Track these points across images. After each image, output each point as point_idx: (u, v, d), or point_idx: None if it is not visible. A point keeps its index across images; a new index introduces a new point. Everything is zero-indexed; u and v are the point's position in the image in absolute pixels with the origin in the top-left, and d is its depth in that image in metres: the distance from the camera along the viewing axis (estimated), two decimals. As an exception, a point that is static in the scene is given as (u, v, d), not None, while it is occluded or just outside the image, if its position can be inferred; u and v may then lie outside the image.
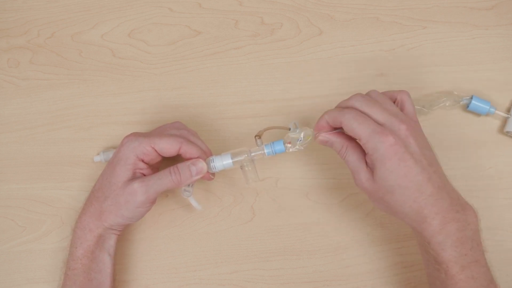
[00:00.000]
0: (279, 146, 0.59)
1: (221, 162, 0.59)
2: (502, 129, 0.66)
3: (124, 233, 0.65)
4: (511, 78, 0.68)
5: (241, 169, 0.60)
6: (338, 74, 0.69)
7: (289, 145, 0.59)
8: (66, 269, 0.58)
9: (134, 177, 0.57)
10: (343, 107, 0.55)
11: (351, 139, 0.55)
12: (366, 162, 0.54)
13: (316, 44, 0.69)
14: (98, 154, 0.66)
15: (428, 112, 0.65)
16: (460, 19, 0.69)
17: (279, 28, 0.70)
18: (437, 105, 0.65)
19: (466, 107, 0.66)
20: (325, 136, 0.56)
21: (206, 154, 0.60)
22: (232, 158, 0.59)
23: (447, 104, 0.65)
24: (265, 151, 0.60)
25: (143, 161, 0.57)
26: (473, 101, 0.65)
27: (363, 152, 0.54)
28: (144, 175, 0.58)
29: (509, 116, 0.65)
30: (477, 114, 0.66)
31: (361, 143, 0.53)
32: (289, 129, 0.60)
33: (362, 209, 0.65)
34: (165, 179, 0.56)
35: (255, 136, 0.60)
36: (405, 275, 0.64)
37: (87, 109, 0.68)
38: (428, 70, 0.68)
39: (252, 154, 0.60)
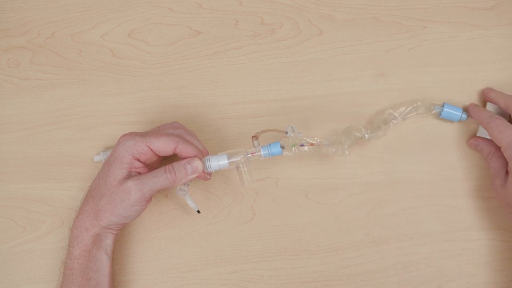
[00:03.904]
0: (275, 149, 0.60)
1: (217, 162, 0.59)
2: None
3: (124, 233, 0.65)
4: (511, 78, 0.68)
5: (237, 169, 0.60)
6: (338, 74, 0.69)
7: (283, 148, 0.60)
8: (64, 269, 0.58)
9: (129, 176, 0.57)
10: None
11: (498, 148, 0.62)
12: (506, 171, 0.61)
13: (316, 44, 0.69)
14: (98, 154, 0.66)
15: (397, 122, 0.65)
16: (460, 19, 0.69)
17: (279, 28, 0.70)
18: (410, 114, 0.65)
19: (439, 115, 0.65)
20: (477, 140, 0.64)
21: (203, 154, 0.60)
22: (228, 159, 0.59)
23: (419, 112, 0.65)
24: (262, 152, 0.60)
25: (139, 160, 0.57)
26: (445, 109, 0.65)
27: (506, 161, 0.61)
28: (140, 174, 0.58)
29: None
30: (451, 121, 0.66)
31: (502, 150, 0.60)
32: (286, 133, 0.60)
33: (362, 209, 0.65)
34: (160, 177, 0.56)
35: (252, 137, 0.60)
36: (405, 275, 0.64)
37: (87, 109, 0.68)
38: (428, 70, 0.68)
39: (249, 155, 0.60)
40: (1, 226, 0.66)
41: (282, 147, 0.60)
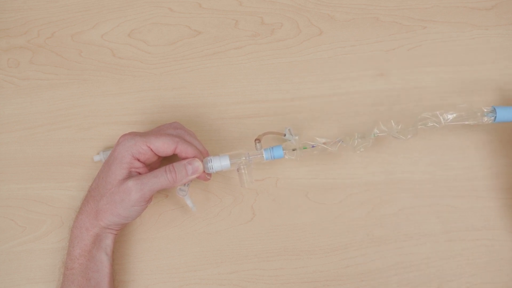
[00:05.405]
0: (278, 152, 0.60)
1: (219, 163, 0.59)
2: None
3: (124, 233, 0.65)
4: (511, 78, 0.68)
5: (237, 171, 0.60)
6: (338, 74, 0.69)
7: (285, 151, 0.60)
8: (64, 269, 0.58)
9: (129, 176, 0.57)
10: None
11: None
12: None
13: (316, 44, 0.69)
14: (98, 154, 0.66)
15: (437, 127, 0.61)
16: (460, 19, 0.69)
17: (279, 28, 0.70)
18: (456, 122, 0.60)
19: (492, 122, 0.59)
20: None
21: (203, 154, 0.60)
22: (230, 160, 0.59)
23: (469, 122, 0.60)
24: (264, 155, 0.60)
25: (138, 160, 0.57)
26: (498, 114, 0.59)
27: None
28: (140, 174, 0.58)
29: None
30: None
31: None
32: (284, 135, 0.60)
33: (362, 209, 0.65)
34: (160, 177, 0.56)
35: (255, 140, 0.60)
36: (405, 275, 0.64)
37: (87, 109, 0.68)
38: (428, 70, 0.68)
39: (251, 157, 0.60)
40: (1, 226, 0.66)
41: (285, 150, 0.60)
